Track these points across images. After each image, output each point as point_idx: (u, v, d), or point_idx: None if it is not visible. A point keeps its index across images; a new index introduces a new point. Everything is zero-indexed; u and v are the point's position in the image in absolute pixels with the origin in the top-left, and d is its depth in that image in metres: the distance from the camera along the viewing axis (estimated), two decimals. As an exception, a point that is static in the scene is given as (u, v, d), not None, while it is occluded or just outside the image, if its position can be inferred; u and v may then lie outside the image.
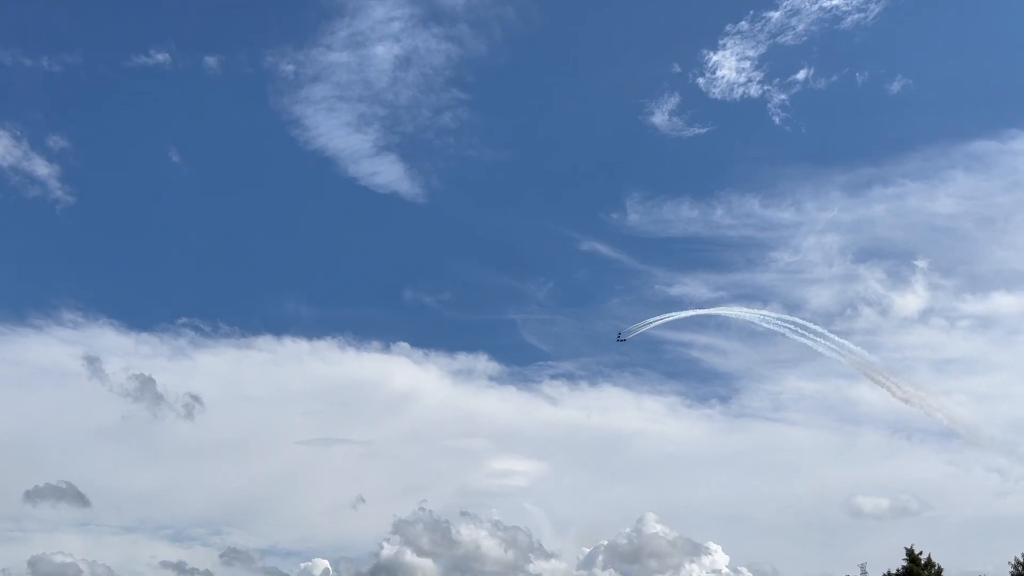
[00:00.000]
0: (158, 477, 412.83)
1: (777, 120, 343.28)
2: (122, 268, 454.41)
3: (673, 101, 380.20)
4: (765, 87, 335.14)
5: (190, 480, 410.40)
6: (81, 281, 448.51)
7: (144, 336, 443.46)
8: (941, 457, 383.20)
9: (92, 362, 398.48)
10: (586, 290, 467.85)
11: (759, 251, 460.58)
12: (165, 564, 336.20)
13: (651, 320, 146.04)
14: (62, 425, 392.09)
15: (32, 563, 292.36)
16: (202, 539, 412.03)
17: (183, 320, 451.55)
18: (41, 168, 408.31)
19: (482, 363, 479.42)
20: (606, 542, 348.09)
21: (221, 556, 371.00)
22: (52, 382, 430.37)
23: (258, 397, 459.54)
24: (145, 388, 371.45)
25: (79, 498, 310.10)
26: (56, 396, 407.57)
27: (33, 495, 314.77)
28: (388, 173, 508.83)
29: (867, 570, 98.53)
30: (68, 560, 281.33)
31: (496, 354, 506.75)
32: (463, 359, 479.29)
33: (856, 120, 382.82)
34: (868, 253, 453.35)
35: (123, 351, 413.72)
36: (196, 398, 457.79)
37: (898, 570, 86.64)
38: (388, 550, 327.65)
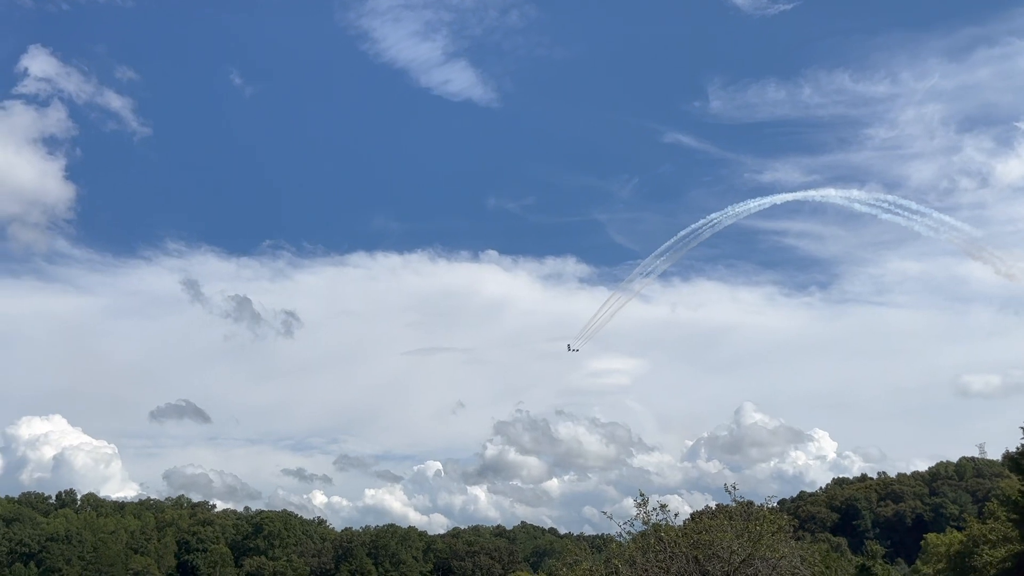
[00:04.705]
0: (272, 391, 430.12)
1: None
2: (214, 196, 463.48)
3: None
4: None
5: (303, 393, 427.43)
6: (179, 211, 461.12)
7: (244, 260, 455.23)
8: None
9: (191, 286, 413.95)
10: (671, 184, 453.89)
11: (852, 129, 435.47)
12: (287, 471, 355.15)
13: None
14: (172, 347, 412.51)
15: (167, 475, 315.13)
16: (321, 448, 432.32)
17: (277, 242, 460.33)
18: (114, 101, 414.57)
19: (571, 266, 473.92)
20: (706, 434, 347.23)
21: (335, 463, 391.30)
22: (160, 308, 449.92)
23: (357, 311, 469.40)
24: (242, 308, 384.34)
25: (199, 414, 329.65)
26: (164, 321, 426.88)
27: (157, 414, 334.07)
28: (460, 80, 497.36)
29: (985, 450, 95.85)
30: (199, 471, 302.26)
31: (584, 256, 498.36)
32: (552, 263, 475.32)
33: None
34: (974, 121, 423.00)
35: (226, 275, 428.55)
36: (292, 315, 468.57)
37: (1018, 448, 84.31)
38: (492, 450, 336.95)
